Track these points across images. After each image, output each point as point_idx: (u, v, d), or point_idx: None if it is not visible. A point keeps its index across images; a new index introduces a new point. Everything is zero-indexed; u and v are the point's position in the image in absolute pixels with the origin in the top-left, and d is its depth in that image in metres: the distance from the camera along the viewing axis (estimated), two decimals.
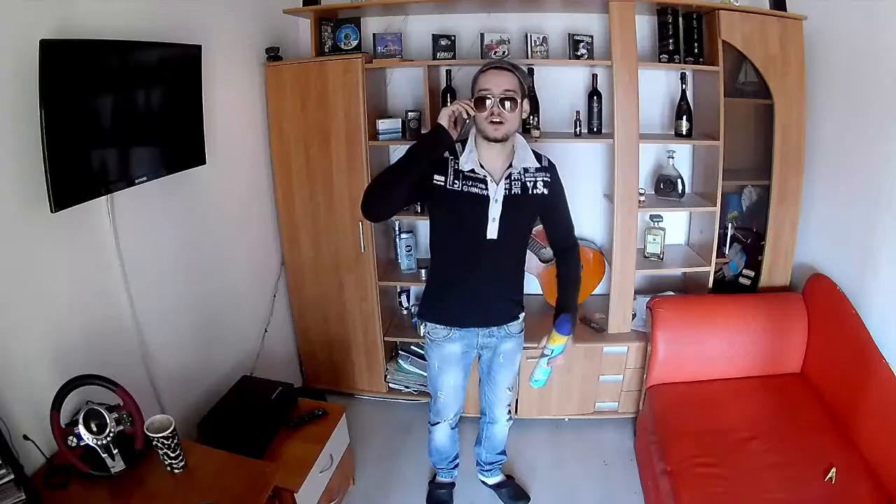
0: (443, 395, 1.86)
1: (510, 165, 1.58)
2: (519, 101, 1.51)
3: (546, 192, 1.63)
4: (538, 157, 1.64)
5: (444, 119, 1.47)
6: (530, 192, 1.61)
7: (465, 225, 1.60)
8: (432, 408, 1.94)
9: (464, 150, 1.58)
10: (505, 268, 1.70)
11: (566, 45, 2.37)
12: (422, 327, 1.81)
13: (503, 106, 1.48)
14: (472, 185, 1.56)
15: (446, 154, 1.57)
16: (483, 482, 2.18)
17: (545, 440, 2.43)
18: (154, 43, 1.61)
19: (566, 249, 1.76)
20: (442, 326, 1.74)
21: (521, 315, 1.79)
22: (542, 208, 1.68)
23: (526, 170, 1.60)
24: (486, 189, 1.56)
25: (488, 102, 1.48)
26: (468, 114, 1.48)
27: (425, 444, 2.40)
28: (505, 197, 1.57)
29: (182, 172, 1.77)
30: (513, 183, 1.58)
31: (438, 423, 1.95)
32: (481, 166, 1.56)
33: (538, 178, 1.62)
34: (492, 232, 1.59)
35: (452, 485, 2.13)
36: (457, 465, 2.12)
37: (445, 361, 1.78)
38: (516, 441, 2.13)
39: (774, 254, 2.30)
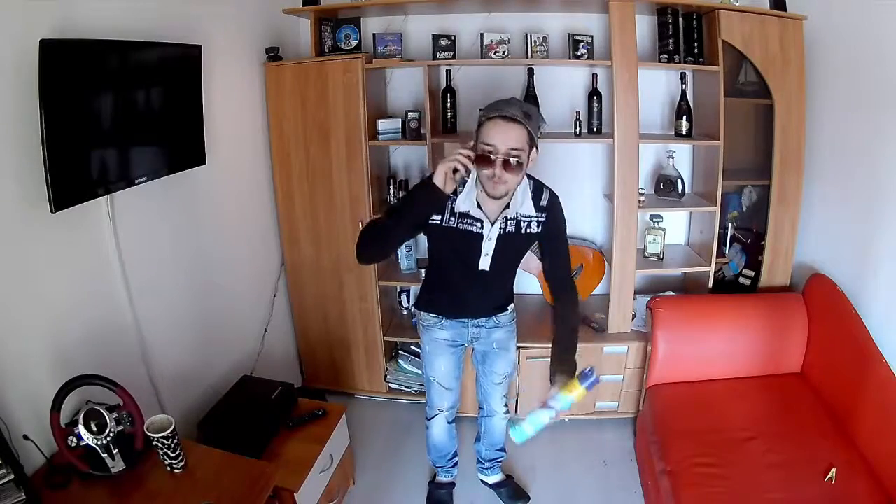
0: (435, 379, 1.88)
1: (507, 207, 1.54)
2: (525, 159, 1.41)
3: (539, 230, 1.60)
4: (539, 192, 1.58)
5: (438, 178, 1.38)
6: (523, 231, 1.59)
7: (459, 257, 1.63)
8: (427, 400, 1.97)
9: (462, 188, 1.54)
10: (495, 288, 1.75)
11: (566, 45, 2.38)
12: (416, 317, 1.85)
13: (507, 166, 1.38)
14: (467, 224, 1.56)
15: (449, 191, 1.46)
16: (483, 481, 2.17)
17: (545, 440, 2.41)
18: (154, 43, 1.61)
19: (566, 291, 1.67)
20: (433, 314, 1.80)
21: (511, 306, 1.83)
22: (537, 241, 1.65)
23: (524, 214, 1.57)
24: (482, 228, 1.56)
25: (492, 158, 1.38)
26: (467, 169, 1.39)
27: (425, 444, 2.40)
28: (499, 235, 1.57)
29: (182, 172, 1.77)
30: (508, 222, 1.57)
31: (435, 415, 1.96)
32: (479, 206, 1.53)
33: (532, 220, 1.58)
34: (483, 265, 1.62)
35: (452, 485, 2.13)
36: (456, 464, 2.12)
37: (436, 345, 1.83)
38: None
39: (774, 254, 2.30)
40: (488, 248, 1.59)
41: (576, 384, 1.45)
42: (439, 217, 1.56)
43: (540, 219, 1.59)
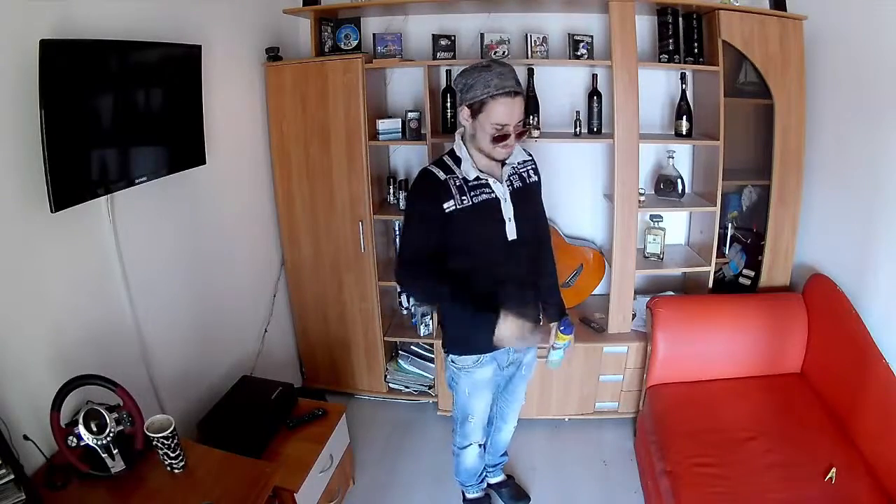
0: (474, 420, 1.78)
1: (503, 164, 1.56)
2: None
3: (537, 178, 1.65)
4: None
5: (507, 341, 1.48)
6: (528, 181, 1.61)
7: (485, 234, 1.54)
8: (460, 431, 1.84)
9: (454, 163, 1.53)
10: (532, 267, 1.65)
11: (566, 45, 2.38)
12: (446, 357, 1.71)
13: (519, 135, 1.48)
14: (480, 193, 1.51)
15: (442, 177, 1.50)
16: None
17: (545, 440, 2.43)
18: (154, 43, 1.61)
19: (543, 242, 1.73)
20: (471, 356, 1.65)
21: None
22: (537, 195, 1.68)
23: (519, 162, 1.60)
24: (493, 192, 1.52)
25: (506, 135, 1.44)
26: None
27: (425, 444, 2.40)
28: (511, 194, 1.55)
29: (182, 172, 1.78)
30: (512, 178, 1.57)
31: (468, 445, 1.87)
32: (481, 171, 1.53)
33: (528, 167, 1.63)
34: (511, 232, 1.54)
35: (488, 497, 2.09)
36: (484, 479, 2.07)
37: (476, 387, 1.70)
38: (516, 441, 2.12)
39: (774, 254, 2.30)
40: (508, 210, 1.53)
41: (559, 336, 1.68)
42: (452, 202, 1.48)
43: (534, 166, 1.64)
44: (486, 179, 1.53)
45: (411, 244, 1.55)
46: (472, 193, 1.51)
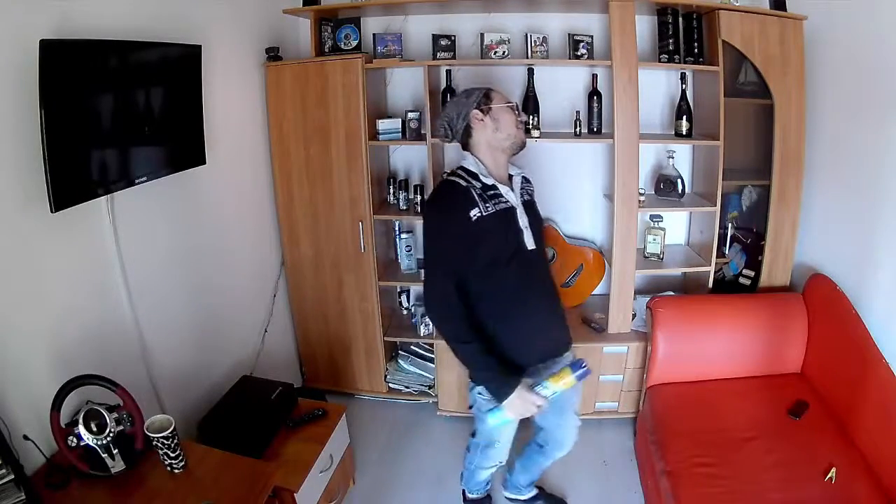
0: (500, 444, 1.72)
1: (510, 177, 1.58)
2: None
3: (533, 190, 1.66)
4: None
5: (514, 411, 1.45)
6: (532, 197, 1.63)
7: (508, 243, 1.50)
8: (483, 453, 1.78)
9: (468, 175, 1.50)
10: (551, 281, 1.64)
11: (566, 45, 2.37)
12: (473, 387, 1.60)
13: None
14: (497, 203, 1.48)
15: (464, 184, 1.47)
16: (513, 499, 2.09)
17: None
18: (154, 43, 1.61)
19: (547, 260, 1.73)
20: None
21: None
22: None
23: (522, 180, 1.61)
24: (508, 201, 1.50)
25: (516, 110, 1.50)
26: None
27: (425, 444, 2.40)
28: (521, 203, 1.54)
29: (182, 172, 1.78)
30: (518, 189, 1.56)
31: (493, 466, 1.83)
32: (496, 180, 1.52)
33: (529, 188, 1.64)
34: (529, 241, 1.52)
35: (489, 497, 2.08)
36: (489, 482, 2.04)
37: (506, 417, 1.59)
38: (516, 441, 2.12)
39: (774, 254, 2.30)
40: (523, 219, 1.52)
41: (567, 372, 1.43)
42: (477, 210, 1.44)
43: (532, 186, 1.65)
44: (501, 189, 1.51)
45: (440, 263, 1.46)
46: (493, 201, 1.48)
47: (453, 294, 1.44)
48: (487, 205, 1.46)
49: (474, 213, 1.44)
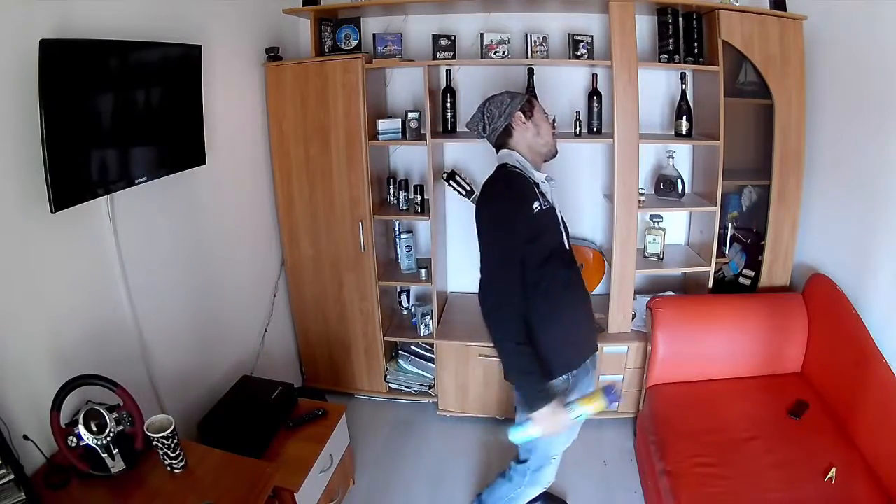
0: (556, 459, 1.65)
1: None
2: None
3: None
4: None
5: (542, 424, 1.39)
6: (556, 200, 1.60)
7: (557, 241, 1.52)
8: (533, 477, 1.65)
9: (520, 168, 1.49)
10: (584, 284, 1.63)
11: (566, 45, 2.37)
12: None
13: None
14: (544, 201, 1.48)
15: (526, 174, 1.48)
16: None
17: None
18: (154, 43, 1.61)
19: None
20: (563, 377, 1.52)
21: None
22: None
23: (552, 178, 1.59)
24: (550, 201, 1.52)
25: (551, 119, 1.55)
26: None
27: (425, 444, 2.40)
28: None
29: (182, 172, 1.78)
30: (550, 194, 1.56)
31: (540, 491, 1.73)
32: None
33: (552, 183, 1.59)
34: (567, 243, 1.56)
35: None
36: None
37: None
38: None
39: (774, 254, 2.30)
40: (561, 221, 1.55)
41: (598, 396, 1.39)
42: (538, 204, 1.44)
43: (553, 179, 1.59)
44: (543, 187, 1.51)
45: (507, 255, 1.39)
46: (543, 198, 1.48)
47: (518, 288, 1.38)
48: (542, 198, 1.48)
49: (536, 205, 1.44)
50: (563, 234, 1.56)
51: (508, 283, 1.38)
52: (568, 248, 1.57)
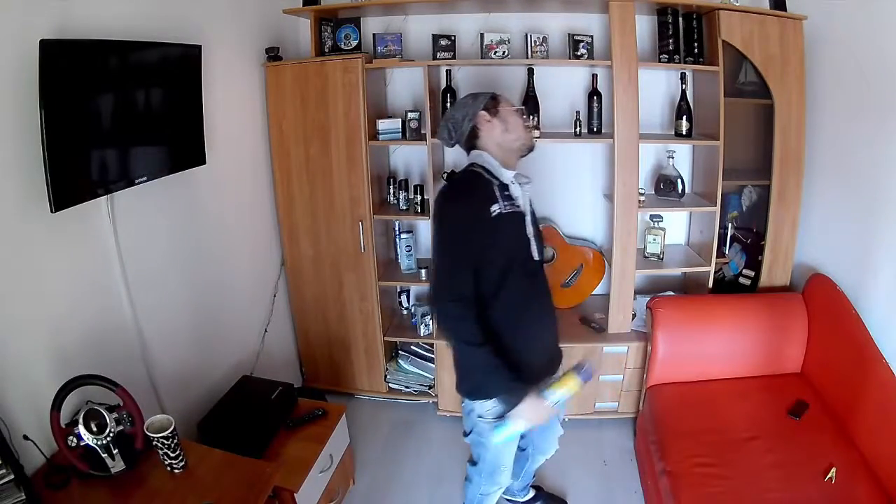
0: (506, 467, 1.64)
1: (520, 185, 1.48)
2: None
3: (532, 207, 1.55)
4: None
5: (525, 418, 1.38)
6: (532, 202, 1.54)
7: (517, 249, 1.46)
8: (490, 479, 1.66)
9: (486, 169, 1.44)
10: (550, 295, 1.58)
11: (566, 45, 2.37)
12: (480, 405, 1.50)
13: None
14: (510, 205, 1.42)
15: (486, 175, 1.42)
16: (511, 500, 2.06)
17: None
18: (154, 43, 1.61)
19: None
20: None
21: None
22: None
23: (525, 179, 1.51)
24: (519, 205, 1.44)
25: (523, 112, 1.49)
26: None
27: (425, 444, 2.40)
28: (530, 212, 1.49)
29: (182, 172, 1.78)
30: (525, 195, 1.49)
31: (495, 490, 1.73)
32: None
33: (529, 184, 1.52)
34: (535, 251, 1.48)
35: None
36: None
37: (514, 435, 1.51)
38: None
39: (774, 254, 2.30)
40: (530, 227, 1.46)
41: (571, 377, 1.40)
42: (497, 207, 1.38)
43: (528, 177, 1.52)
44: (512, 189, 1.45)
45: (460, 256, 1.36)
46: (506, 202, 1.41)
47: (471, 291, 1.35)
48: (505, 202, 1.41)
49: (494, 208, 1.38)
50: (531, 240, 1.47)
51: (460, 285, 1.34)
52: (536, 257, 1.49)
